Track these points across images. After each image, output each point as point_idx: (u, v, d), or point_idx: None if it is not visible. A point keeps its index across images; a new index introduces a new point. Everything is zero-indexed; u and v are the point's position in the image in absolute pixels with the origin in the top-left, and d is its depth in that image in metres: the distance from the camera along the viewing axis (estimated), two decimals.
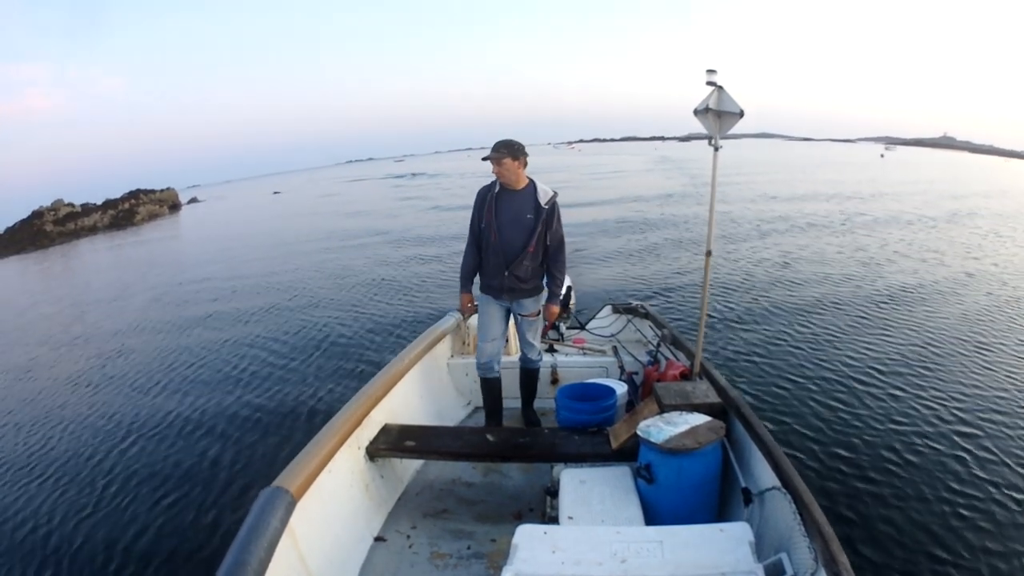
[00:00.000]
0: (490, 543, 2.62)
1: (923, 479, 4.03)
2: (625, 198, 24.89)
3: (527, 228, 3.23)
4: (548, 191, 3.28)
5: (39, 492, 4.25)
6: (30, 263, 24.83)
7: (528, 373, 3.66)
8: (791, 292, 9.47)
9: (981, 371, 6.11)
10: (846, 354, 6.48)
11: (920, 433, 4.66)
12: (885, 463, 4.22)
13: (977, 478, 4.05)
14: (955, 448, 4.45)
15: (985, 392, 5.55)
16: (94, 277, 17.33)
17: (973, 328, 7.75)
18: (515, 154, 3.18)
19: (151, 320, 9.81)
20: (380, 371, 3.30)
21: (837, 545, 1.75)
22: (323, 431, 2.57)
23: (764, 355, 6.38)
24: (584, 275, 10.19)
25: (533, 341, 3.54)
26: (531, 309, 3.44)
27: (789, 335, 7.14)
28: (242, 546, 1.77)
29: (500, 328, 3.48)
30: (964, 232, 14.89)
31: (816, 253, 12.75)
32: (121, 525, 3.74)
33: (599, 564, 1.84)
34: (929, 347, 6.85)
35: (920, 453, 4.36)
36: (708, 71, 2.87)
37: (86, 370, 7.17)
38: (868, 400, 5.26)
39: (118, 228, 35.13)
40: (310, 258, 15.04)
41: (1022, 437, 4.65)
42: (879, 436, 4.60)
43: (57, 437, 5.16)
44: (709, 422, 2.52)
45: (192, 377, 6.30)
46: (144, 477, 4.30)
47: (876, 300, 9.13)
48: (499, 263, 3.27)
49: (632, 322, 4.54)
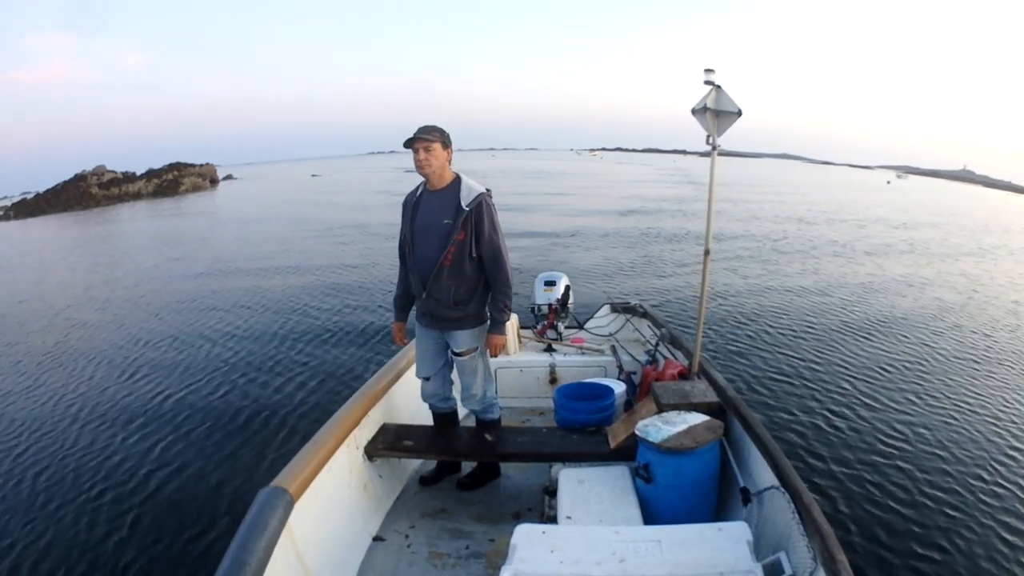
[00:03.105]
0: (488, 543, 2.62)
1: (922, 478, 4.04)
2: (632, 202, 25.34)
3: (442, 234, 2.60)
4: (475, 188, 2.65)
5: (33, 488, 4.23)
6: (85, 222, 27.29)
7: (482, 425, 3.03)
8: (790, 293, 9.51)
9: (981, 370, 6.15)
10: (844, 354, 6.51)
11: (919, 432, 4.68)
12: (883, 462, 4.23)
13: (976, 476, 4.07)
14: (955, 447, 4.46)
15: (985, 391, 5.58)
16: (133, 242, 18.60)
17: (973, 328, 7.80)
18: (445, 140, 2.61)
19: (150, 303, 9.76)
20: (378, 370, 3.30)
21: (836, 544, 1.75)
22: (321, 431, 2.56)
23: (763, 355, 6.39)
24: (583, 274, 10.20)
25: (474, 388, 2.88)
26: (464, 345, 2.77)
27: (788, 335, 7.16)
28: (241, 546, 1.77)
29: (435, 364, 2.91)
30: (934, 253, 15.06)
31: (815, 255, 12.85)
32: (118, 524, 3.72)
33: (598, 564, 1.84)
34: (928, 347, 6.88)
35: (919, 452, 4.38)
36: (706, 70, 2.87)
37: (89, 357, 7.12)
38: (866, 399, 5.28)
39: (162, 196, 37.82)
40: (342, 243, 15.36)
41: (1020, 437, 4.67)
42: (878, 435, 4.62)
43: (49, 431, 5.13)
44: (707, 421, 2.52)
45: (192, 374, 6.27)
46: (141, 477, 4.28)
47: (876, 300, 9.18)
48: (416, 282, 2.72)
49: (630, 321, 4.53)
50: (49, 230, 25.92)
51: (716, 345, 6.61)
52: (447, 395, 3.03)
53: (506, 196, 25.24)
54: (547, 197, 28.67)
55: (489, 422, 3.02)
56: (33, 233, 25.38)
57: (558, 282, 4.68)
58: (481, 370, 2.89)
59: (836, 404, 5.15)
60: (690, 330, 5.06)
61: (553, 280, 4.70)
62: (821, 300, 9.01)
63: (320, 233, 17.71)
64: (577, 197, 28.68)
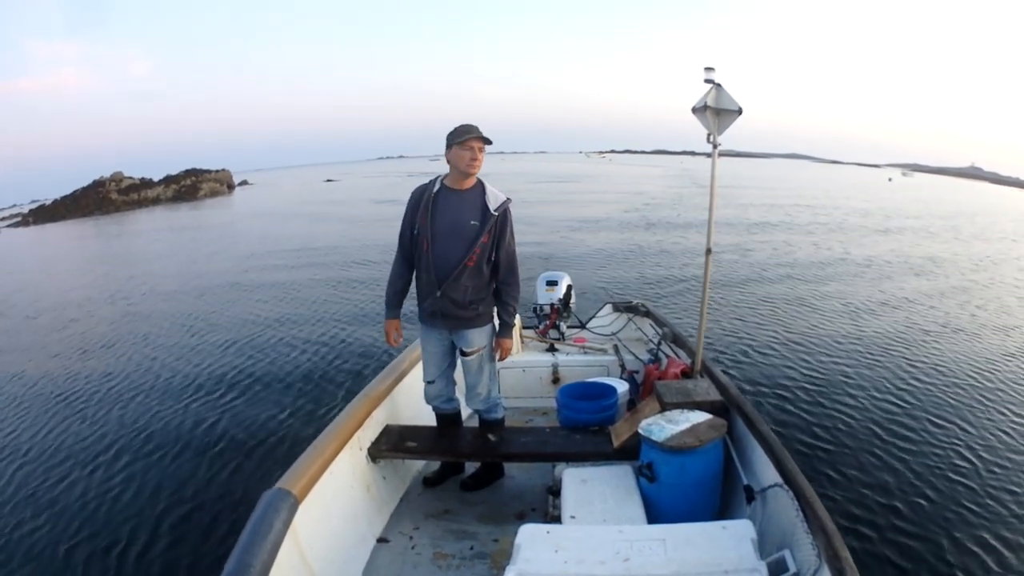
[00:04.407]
0: (493, 543, 2.62)
1: (926, 475, 4.03)
2: (635, 202, 25.48)
3: (468, 237, 2.61)
4: (500, 195, 2.69)
5: (36, 491, 4.24)
6: (104, 226, 28.26)
7: (486, 425, 3.02)
8: (793, 290, 9.50)
9: (982, 367, 6.13)
10: (848, 350, 6.49)
11: (923, 429, 4.67)
12: (887, 459, 4.22)
13: (981, 473, 4.06)
14: (959, 443, 4.45)
15: (989, 387, 5.56)
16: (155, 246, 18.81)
17: (978, 321, 7.78)
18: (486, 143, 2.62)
19: (163, 306, 9.79)
20: (381, 372, 3.31)
21: (840, 541, 1.75)
22: (325, 432, 2.57)
23: (765, 352, 6.38)
24: (585, 274, 10.19)
25: (480, 387, 2.88)
26: (476, 343, 2.79)
27: (790, 332, 7.15)
28: (245, 548, 1.78)
29: (441, 366, 2.90)
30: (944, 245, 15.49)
31: (814, 255, 12.85)
32: (122, 527, 3.73)
33: (602, 563, 1.84)
34: (932, 344, 6.86)
35: (923, 449, 4.37)
36: (706, 69, 2.87)
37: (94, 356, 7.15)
38: (870, 396, 5.27)
39: (180, 201, 39.10)
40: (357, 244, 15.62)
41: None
42: (881, 432, 4.60)
43: (55, 435, 5.15)
44: (710, 420, 2.52)
45: (193, 374, 6.29)
46: (144, 480, 4.29)
47: (877, 298, 9.16)
48: (431, 280, 2.67)
49: (633, 320, 4.53)
50: (80, 232, 26.65)
51: (719, 343, 6.60)
52: (451, 396, 3.03)
53: (518, 195, 25.62)
54: (553, 197, 28.76)
55: (493, 422, 3.01)
56: (64, 236, 26.06)
57: (560, 282, 4.68)
58: (487, 370, 2.89)
59: (838, 402, 5.13)
60: (693, 328, 5.06)
61: (555, 280, 4.70)
62: (821, 299, 9.00)
63: (344, 233, 18.21)
64: (582, 197, 28.78)
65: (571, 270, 5.52)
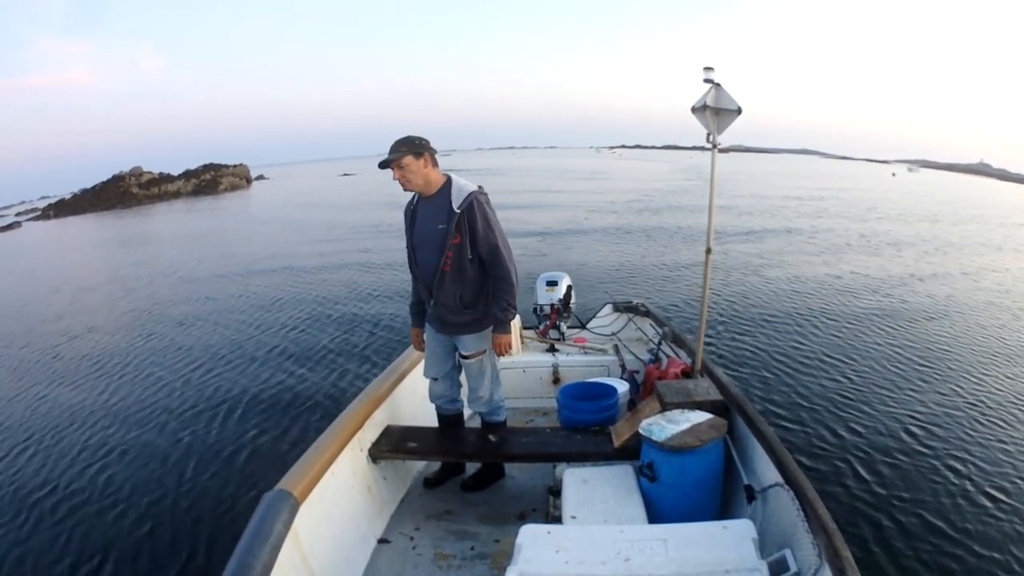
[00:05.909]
0: (494, 543, 2.62)
1: (927, 474, 4.03)
2: (640, 198, 25.50)
3: (439, 241, 2.59)
4: (465, 188, 2.61)
5: (37, 492, 4.25)
6: (132, 217, 29.86)
7: (487, 427, 3.02)
8: (793, 289, 9.49)
9: (983, 364, 6.12)
10: (848, 349, 6.49)
11: (924, 428, 4.66)
12: (888, 458, 4.22)
13: (982, 473, 4.05)
14: (959, 443, 4.45)
15: (990, 384, 5.57)
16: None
17: (977, 319, 7.78)
18: (416, 150, 2.53)
19: (170, 307, 9.80)
20: (382, 372, 3.31)
21: (841, 540, 1.75)
22: (325, 433, 2.57)
23: (766, 352, 6.38)
24: (585, 274, 10.18)
25: (481, 391, 2.88)
26: (472, 348, 2.78)
27: (790, 332, 7.14)
28: (246, 549, 1.78)
29: (444, 366, 2.92)
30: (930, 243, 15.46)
31: (815, 254, 12.84)
32: (123, 527, 3.74)
33: (603, 563, 1.84)
34: (933, 342, 6.86)
35: (924, 448, 4.37)
36: (705, 68, 2.87)
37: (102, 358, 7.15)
38: (871, 395, 5.27)
39: (200, 195, 40.20)
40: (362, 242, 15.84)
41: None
42: (882, 431, 4.60)
43: (58, 433, 5.15)
44: (711, 419, 2.52)
45: (193, 376, 6.29)
46: (145, 481, 4.29)
47: (879, 296, 9.15)
48: (423, 289, 2.74)
49: (633, 320, 4.53)
50: (108, 225, 27.42)
51: (719, 343, 6.60)
52: (455, 397, 3.03)
53: (524, 195, 26.13)
54: (556, 195, 28.66)
55: (495, 424, 3.01)
56: (91, 228, 26.87)
57: (560, 282, 4.67)
58: (489, 372, 2.88)
59: (840, 401, 5.13)
60: (693, 327, 5.06)
61: (555, 280, 4.70)
62: (821, 299, 8.98)
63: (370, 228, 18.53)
64: (588, 195, 28.70)
65: (571, 270, 5.52)
